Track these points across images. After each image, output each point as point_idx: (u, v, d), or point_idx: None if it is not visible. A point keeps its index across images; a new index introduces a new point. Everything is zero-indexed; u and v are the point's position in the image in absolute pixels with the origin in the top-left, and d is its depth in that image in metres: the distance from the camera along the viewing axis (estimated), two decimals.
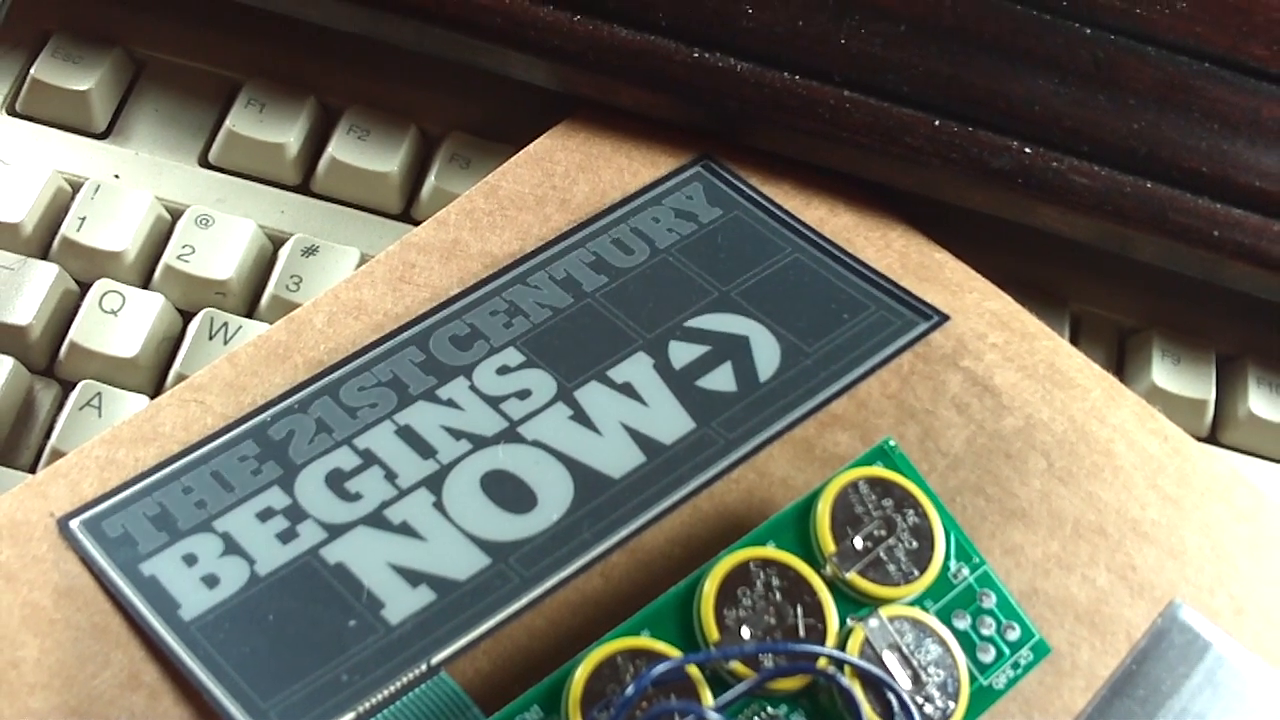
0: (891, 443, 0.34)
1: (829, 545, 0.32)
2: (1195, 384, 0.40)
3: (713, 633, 0.31)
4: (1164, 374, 0.40)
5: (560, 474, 0.33)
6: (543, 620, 0.32)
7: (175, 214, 0.40)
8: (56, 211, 0.40)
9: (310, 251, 0.39)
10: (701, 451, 0.34)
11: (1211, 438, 0.40)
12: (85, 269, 0.39)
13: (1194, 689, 0.33)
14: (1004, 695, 0.32)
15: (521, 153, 0.40)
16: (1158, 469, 0.36)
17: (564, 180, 0.39)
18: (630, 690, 0.29)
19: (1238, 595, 0.34)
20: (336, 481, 0.33)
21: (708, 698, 0.30)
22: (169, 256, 0.39)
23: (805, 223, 0.39)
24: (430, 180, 0.41)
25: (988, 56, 0.39)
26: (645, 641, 0.30)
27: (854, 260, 0.38)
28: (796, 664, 0.30)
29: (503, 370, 0.35)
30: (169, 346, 0.38)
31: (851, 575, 0.32)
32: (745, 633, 0.31)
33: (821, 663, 0.30)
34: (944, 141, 0.39)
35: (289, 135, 0.41)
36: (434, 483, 0.33)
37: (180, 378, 0.37)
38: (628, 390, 0.35)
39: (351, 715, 0.30)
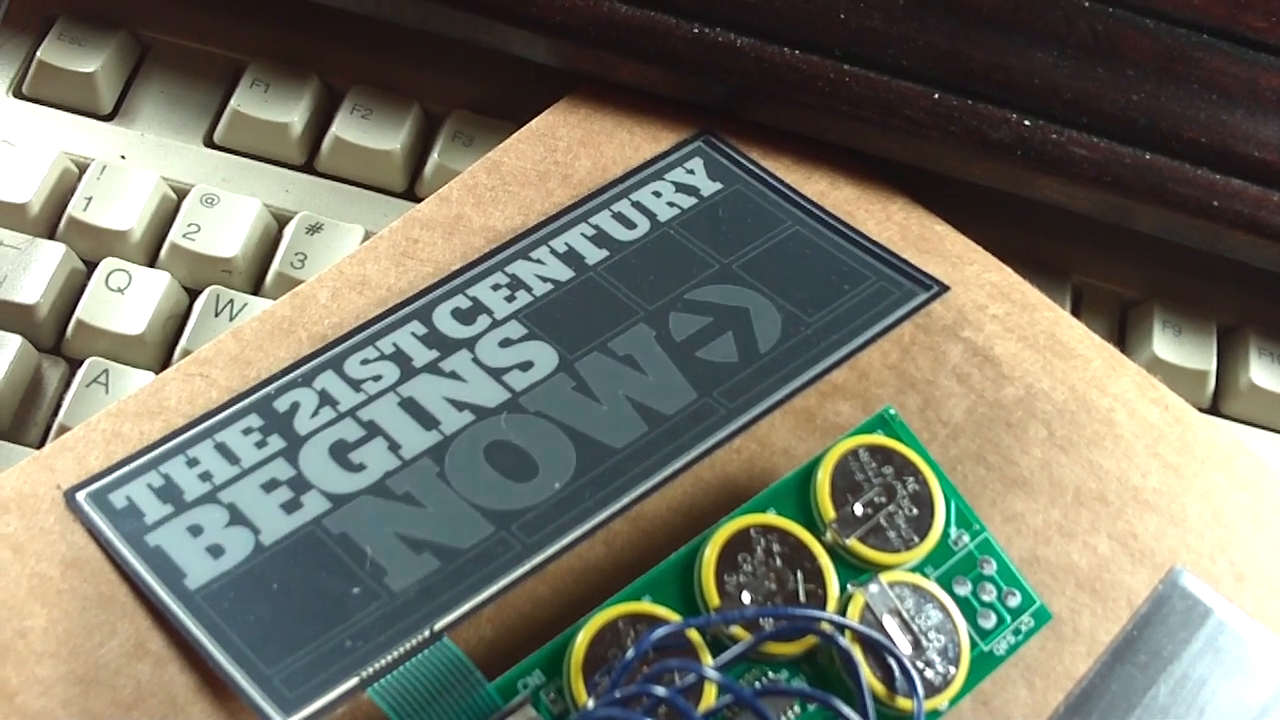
0: (892, 411, 0.34)
1: (829, 512, 0.32)
2: (1196, 355, 0.40)
3: (713, 598, 0.31)
4: (1165, 345, 0.40)
5: (562, 444, 0.34)
6: (545, 587, 0.32)
7: (181, 193, 0.40)
8: (63, 192, 0.40)
9: (315, 229, 0.39)
10: (702, 421, 0.34)
11: (1213, 408, 0.40)
12: (92, 248, 0.39)
13: (1195, 654, 0.33)
14: (1005, 661, 0.32)
15: (524, 129, 0.40)
16: (1158, 437, 0.36)
17: (566, 155, 0.39)
18: (631, 653, 0.29)
19: (1238, 562, 0.35)
20: (340, 452, 0.33)
21: (708, 661, 0.30)
22: (175, 235, 0.39)
23: (806, 196, 0.39)
24: (433, 158, 0.41)
25: (987, 29, 0.39)
26: (646, 607, 0.31)
27: (854, 232, 0.38)
28: (795, 625, 0.30)
29: (505, 343, 0.35)
30: (175, 324, 0.38)
31: (852, 541, 0.32)
32: (746, 598, 0.31)
33: (822, 627, 0.31)
34: (944, 114, 0.39)
35: (293, 115, 0.41)
36: (437, 453, 0.33)
37: (186, 354, 0.37)
38: (629, 361, 0.35)
39: (355, 680, 0.30)
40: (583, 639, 0.30)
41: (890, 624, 0.31)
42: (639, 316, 0.36)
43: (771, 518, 0.32)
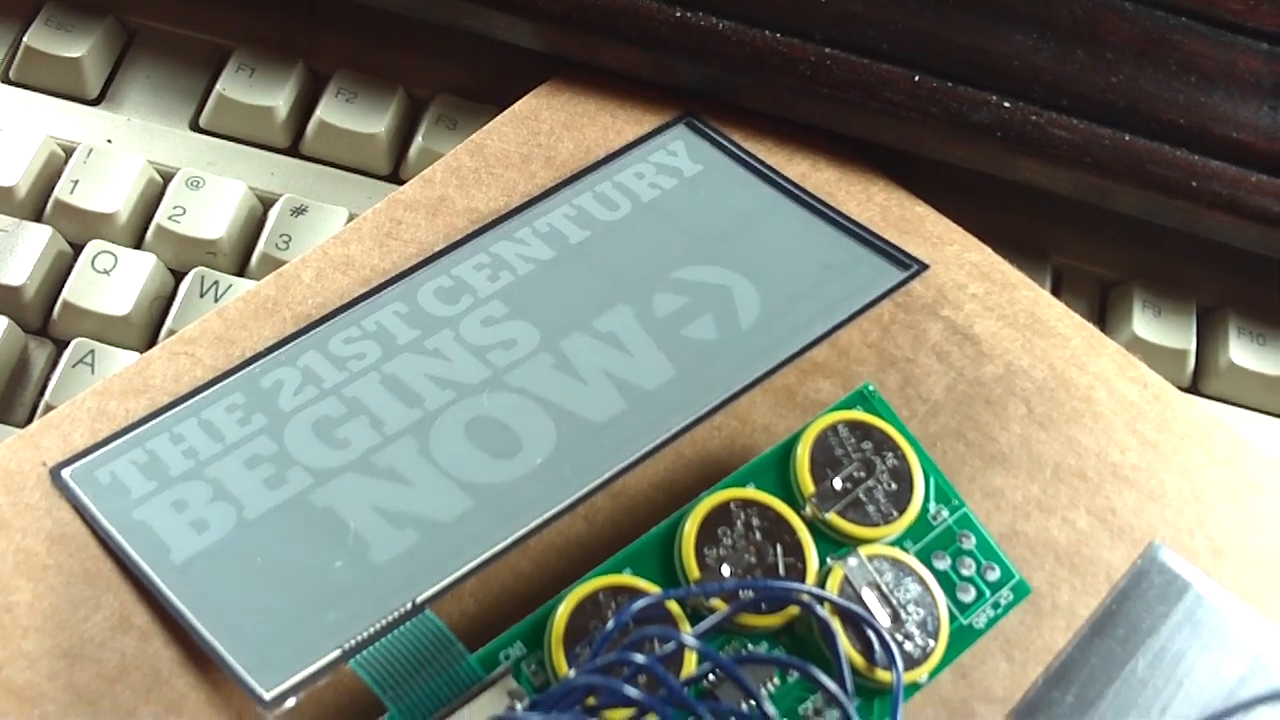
0: (871, 387, 0.34)
1: (808, 486, 0.32)
2: (1176, 334, 0.41)
3: (693, 571, 0.31)
4: (1145, 325, 0.41)
5: (543, 420, 0.34)
6: (527, 562, 0.33)
7: (167, 177, 0.40)
8: (50, 175, 0.40)
9: (299, 211, 0.40)
10: (683, 398, 0.35)
11: (1193, 388, 0.41)
12: (78, 231, 0.39)
13: (1173, 627, 0.33)
14: (984, 634, 0.33)
15: (507, 112, 0.40)
16: (1137, 415, 0.36)
17: (549, 138, 0.40)
18: (611, 624, 0.30)
19: (1216, 537, 0.35)
20: (324, 429, 0.34)
21: (688, 631, 0.30)
22: (160, 217, 0.39)
23: (788, 177, 0.39)
24: (418, 141, 0.41)
25: (967, 12, 0.40)
26: (627, 579, 0.31)
27: (836, 213, 0.38)
28: (774, 596, 0.31)
29: (487, 321, 0.36)
30: (161, 305, 0.39)
31: (831, 515, 0.32)
32: (725, 571, 0.31)
33: (801, 599, 0.31)
34: (924, 97, 0.39)
35: (278, 99, 0.41)
36: (420, 430, 0.34)
37: (172, 335, 0.37)
38: (611, 339, 0.35)
39: (337, 653, 0.30)
40: (564, 611, 0.30)
41: (869, 597, 0.31)
42: (621, 296, 0.36)
43: (751, 492, 0.32)
